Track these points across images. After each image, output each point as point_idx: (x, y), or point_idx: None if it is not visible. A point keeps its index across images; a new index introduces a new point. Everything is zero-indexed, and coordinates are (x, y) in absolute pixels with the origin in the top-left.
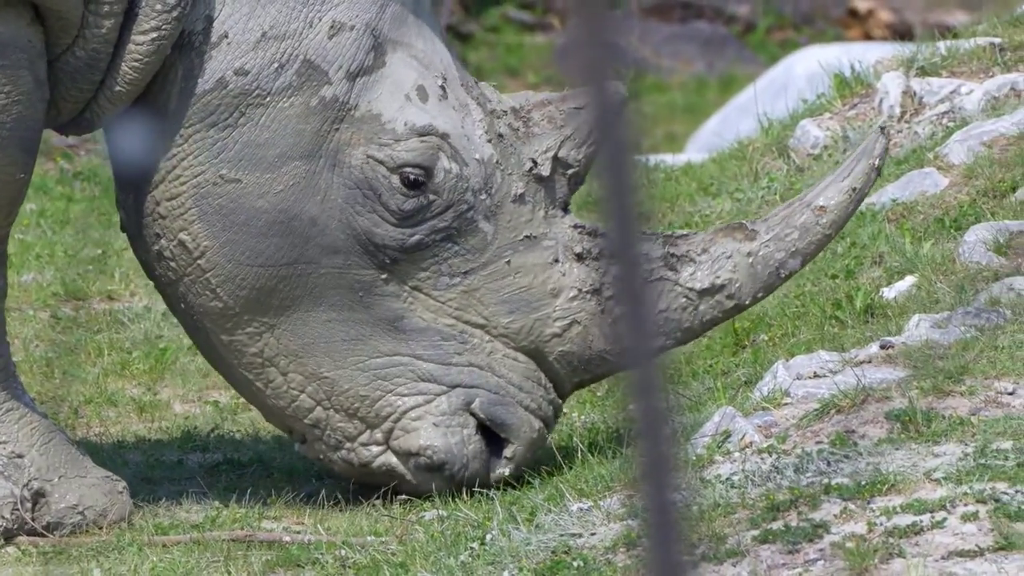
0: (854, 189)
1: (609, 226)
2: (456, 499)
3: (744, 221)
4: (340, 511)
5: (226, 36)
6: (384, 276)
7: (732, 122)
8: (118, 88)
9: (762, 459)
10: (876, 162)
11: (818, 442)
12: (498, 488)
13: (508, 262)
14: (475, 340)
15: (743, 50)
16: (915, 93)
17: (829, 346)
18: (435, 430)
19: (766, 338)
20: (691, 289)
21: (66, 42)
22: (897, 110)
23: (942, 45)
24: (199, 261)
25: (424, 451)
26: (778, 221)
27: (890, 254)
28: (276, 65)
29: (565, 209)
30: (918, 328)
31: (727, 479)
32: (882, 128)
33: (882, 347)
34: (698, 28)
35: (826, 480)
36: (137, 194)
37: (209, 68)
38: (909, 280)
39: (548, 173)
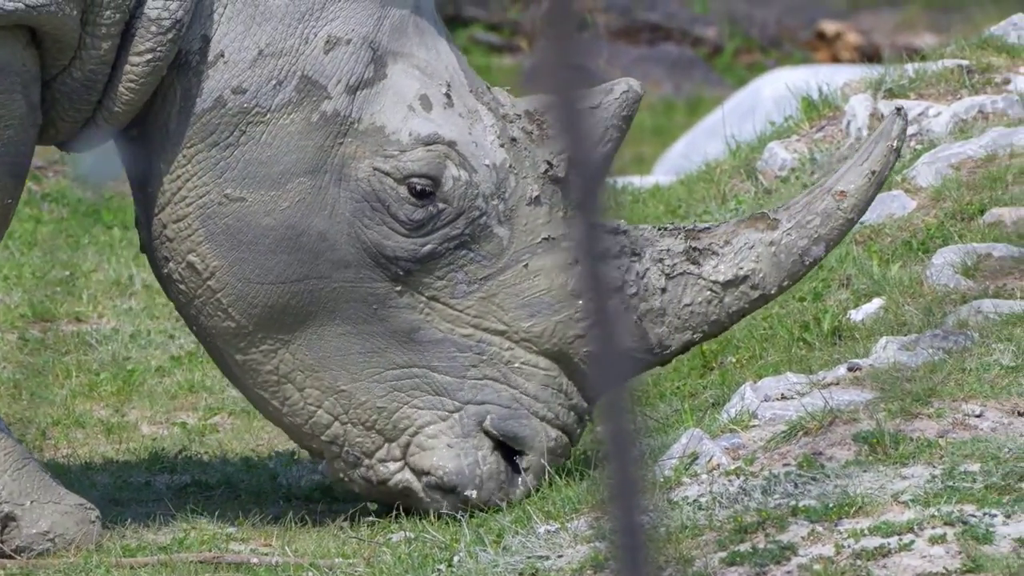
0: (873, 172)
1: (578, 244)
2: (424, 521)
3: (766, 210)
4: (308, 533)
5: (222, 55)
6: (398, 288)
7: (700, 144)
8: (115, 109)
9: (729, 481)
10: (895, 143)
11: (785, 464)
12: (464, 509)
13: (526, 265)
14: (492, 350)
15: (710, 73)
16: (883, 115)
17: (797, 368)
18: (448, 451)
19: (734, 360)
20: (715, 282)
21: (63, 63)
22: (865, 132)
23: (910, 67)
24: (209, 282)
25: (435, 471)
26: (799, 208)
27: (858, 276)
28: (274, 82)
29: None
30: (886, 350)
31: (694, 501)
32: (898, 109)
33: (850, 369)
34: (666, 51)
35: (794, 502)
36: (145, 217)
37: (207, 88)
38: (877, 302)
39: (564, 174)
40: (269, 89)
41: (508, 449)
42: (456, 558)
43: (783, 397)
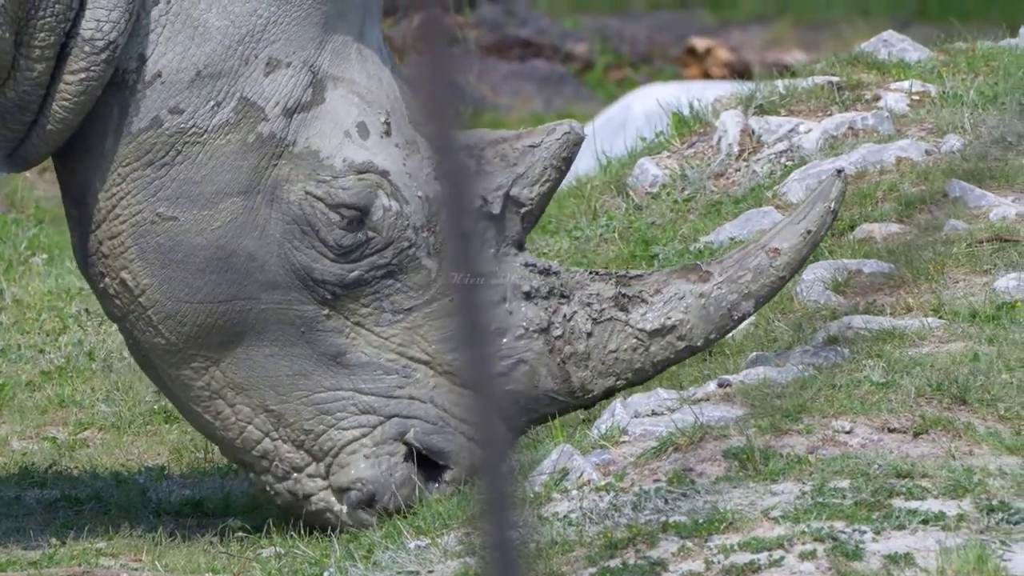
0: (808, 232)
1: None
2: (294, 535)
3: (699, 263)
4: (178, 548)
5: (160, 75)
6: (325, 312)
7: None
8: (50, 127)
9: (600, 497)
10: (832, 205)
11: (656, 480)
12: (334, 527)
13: (453, 300)
14: (418, 375)
15: (581, 88)
16: (753, 131)
17: (667, 384)
18: (365, 461)
19: None
20: (642, 330)
21: None
22: (735, 148)
23: (780, 84)
24: (140, 299)
25: (355, 484)
26: (732, 263)
27: None
28: (212, 103)
29: (519, 247)
30: (756, 366)
31: (565, 517)
32: (839, 171)
33: (720, 385)
34: (536, 66)
35: (664, 518)
36: (79, 233)
37: (144, 107)
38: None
39: (499, 211)
40: (207, 110)
41: (425, 461)
42: (326, 573)
43: (653, 413)
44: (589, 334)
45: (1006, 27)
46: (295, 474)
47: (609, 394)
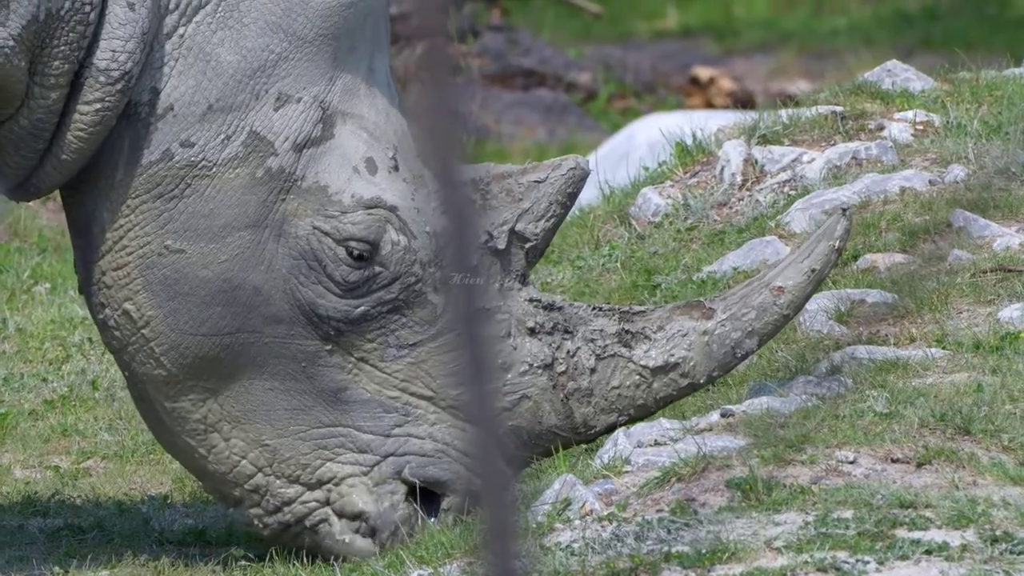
0: (813, 270)
1: (448, 267)
2: (296, 565)
3: (702, 299)
4: None
5: (172, 108)
6: (328, 347)
7: None
8: (64, 157)
9: (603, 527)
10: (837, 243)
11: (659, 510)
12: (336, 557)
13: (459, 334)
14: (418, 412)
15: (584, 118)
16: (756, 161)
17: (670, 414)
18: (368, 496)
19: None
20: (645, 367)
21: (9, 112)
22: (739, 178)
23: (784, 113)
24: (143, 330)
25: (359, 516)
26: (736, 300)
27: None
28: (223, 137)
29: (524, 281)
30: (759, 396)
31: (567, 547)
32: (844, 210)
33: (723, 415)
34: (539, 96)
35: (667, 548)
36: (84, 262)
37: (155, 140)
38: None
39: (504, 246)
40: (217, 143)
41: (425, 493)
42: None
43: (656, 443)
44: (592, 370)
45: (1010, 57)
46: (287, 507)
47: (610, 430)
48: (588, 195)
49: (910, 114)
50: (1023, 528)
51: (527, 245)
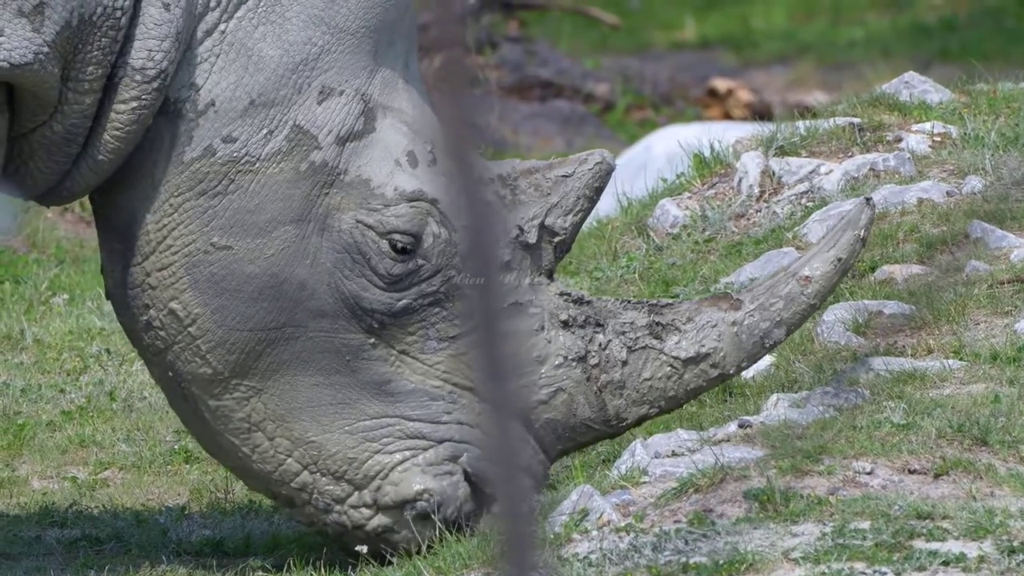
0: (839, 260)
1: (468, 276)
2: (314, 575)
3: (729, 291)
4: None
5: (213, 104)
6: (372, 340)
7: None
8: (100, 157)
9: (620, 538)
10: (861, 233)
11: (676, 521)
12: (355, 565)
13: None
14: (464, 400)
15: (602, 129)
16: (774, 173)
17: (687, 425)
18: (425, 475)
19: None
20: (676, 358)
21: (42, 118)
22: (756, 190)
23: (801, 125)
24: (190, 328)
25: (421, 495)
26: (763, 291)
27: None
28: (265, 131)
29: (550, 276)
30: (776, 407)
31: (585, 558)
32: (867, 199)
33: (740, 426)
34: (557, 107)
35: (684, 559)
36: (121, 265)
37: (197, 136)
38: (768, 359)
39: (534, 240)
40: (260, 138)
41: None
42: None
43: (674, 454)
44: (624, 362)
45: None
46: (337, 506)
47: (640, 422)
48: (606, 206)
49: (927, 126)
50: None
51: (555, 240)
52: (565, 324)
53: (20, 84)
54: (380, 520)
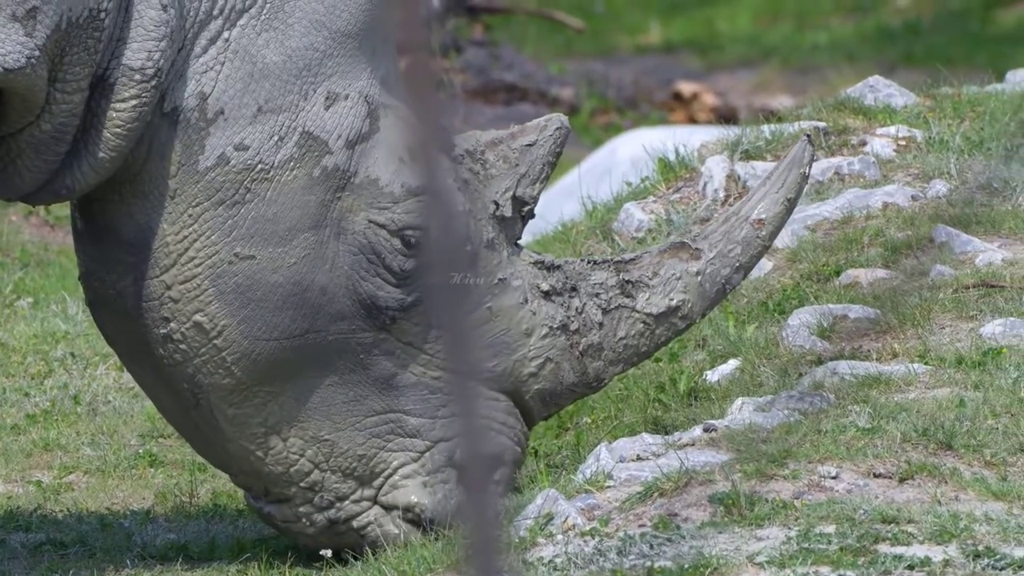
0: (789, 199)
1: (434, 275)
2: None
3: (685, 239)
4: None
5: (222, 112)
6: (382, 336)
7: (556, 205)
8: (102, 155)
9: (585, 542)
10: (806, 170)
11: (641, 525)
12: (319, 568)
13: (489, 307)
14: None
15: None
16: (739, 177)
17: (652, 429)
18: (422, 489)
19: (589, 420)
20: (649, 314)
21: (30, 119)
22: (721, 194)
23: (766, 129)
24: (215, 341)
25: (414, 507)
26: (719, 238)
27: (713, 337)
28: (276, 138)
29: (518, 247)
30: (741, 411)
31: (550, 562)
32: (808, 136)
33: (705, 430)
34: (522, 111)
35: (649, 563)
36: (136, 278)
37: (209, 145)
38: (732, 363)
39: (510, 213)
40: (271, 145)
41: None
42: None
43: (639, 458)
44: (600, 324)
45: (992, 72)
46: (339, 503)
47: (611, 379)
48: (571, 210)
49: (892, 129)
50: (1005, 543)
51: (524, 209)
52: (546, 294)
53: (11, 88)
54: (373, 512)
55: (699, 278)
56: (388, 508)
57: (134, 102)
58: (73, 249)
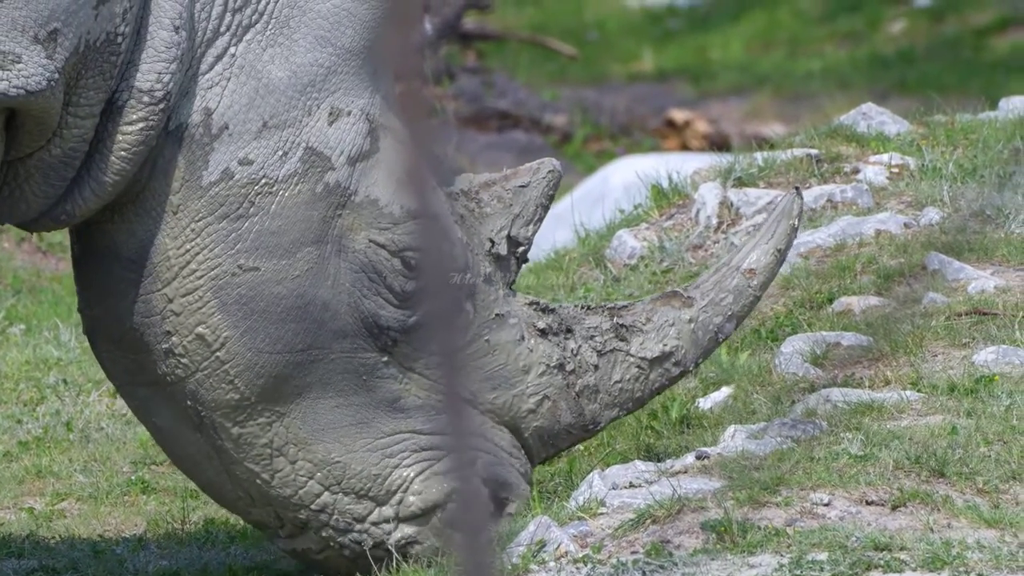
0: (779, 250)
1: (427, 301)
2: None
3: (677, 288)
4: None
5: (227, 127)
6: (385, 359)
7: (548, 232)
8: (106, 179)
9: (577, 569)
10: (796, 223)
11: (633, 552)
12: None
13: (487, 340)
14: (468, 411)
15: (559, 160)
16: (732, 203)
17: (645, 456)
18: (446, 484)
19: (581, 447)
20: (643, 359)
21: (41, 143)
22: (714, 220)
23: (759, 156)
24: (218, 353)
25: (448, 498)
26: (711, 287)
27: (706, 365)
28: (280, 153)
29: (512, 288)
30: (734, 439)
31: None
32: (797, 188)
33: (698, 457)
34: (515, 138)
35: None
36: (138, 294)
37: (213, 160)
38: (725, 391)
39: (505, 252)
40: (275, 160)
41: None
42: None
43: (631, 485)
44: (596, 366)
45: (985, 100)
46: (359, 524)
47: (609, 423)
48: (563, 237)
49: (885, 157)
50: (998, 571)
51: (519, 250)
52: (543, 332)
53: (28, 110)
54: (402, 532)
55: (692, 325)
56: (419, 518)
57: (141, 125)
58: (65, 276)
